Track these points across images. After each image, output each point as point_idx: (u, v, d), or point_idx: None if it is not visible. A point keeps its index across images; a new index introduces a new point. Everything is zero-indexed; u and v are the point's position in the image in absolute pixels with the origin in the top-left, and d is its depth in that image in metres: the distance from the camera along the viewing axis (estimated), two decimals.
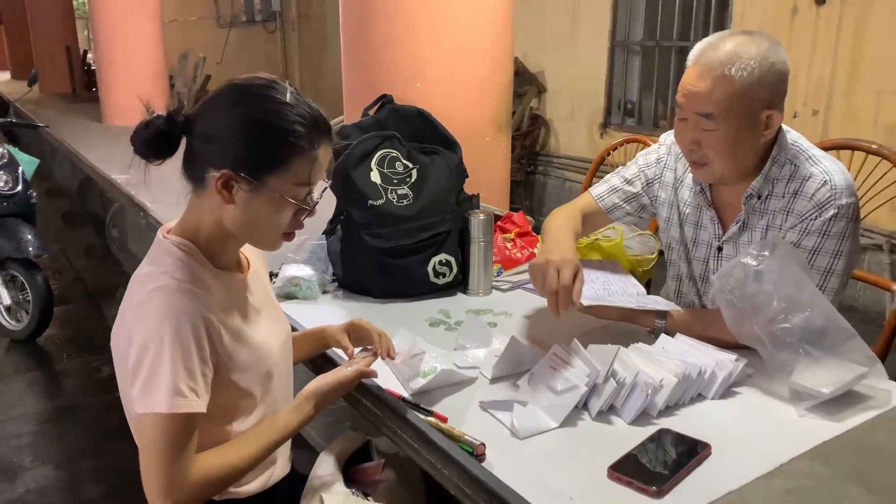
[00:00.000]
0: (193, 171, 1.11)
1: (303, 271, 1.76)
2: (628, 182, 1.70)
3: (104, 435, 2.83)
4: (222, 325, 1.09)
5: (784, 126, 1.47)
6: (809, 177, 1.42)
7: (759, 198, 1.48)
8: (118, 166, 3.53)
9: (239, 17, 9.76)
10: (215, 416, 1.09)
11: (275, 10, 9.26)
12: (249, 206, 1.08)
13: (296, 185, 1.09)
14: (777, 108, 1.40)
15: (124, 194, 2.98)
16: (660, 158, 1.69)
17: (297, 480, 1.28)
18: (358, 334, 1.32)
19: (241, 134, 1.06)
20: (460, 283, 1.76)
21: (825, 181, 1.40)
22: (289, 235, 1.15)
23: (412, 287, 1.71)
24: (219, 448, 1.09)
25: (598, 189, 1.74)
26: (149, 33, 5.34)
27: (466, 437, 1.07)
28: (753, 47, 1.36)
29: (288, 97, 1.07)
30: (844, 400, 1.20)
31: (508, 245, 1.93)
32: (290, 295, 1.71)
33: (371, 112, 1.83)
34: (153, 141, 1.08)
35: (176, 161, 1.13)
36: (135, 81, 5.16)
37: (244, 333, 1.13)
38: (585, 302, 1.41)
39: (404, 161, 1.75)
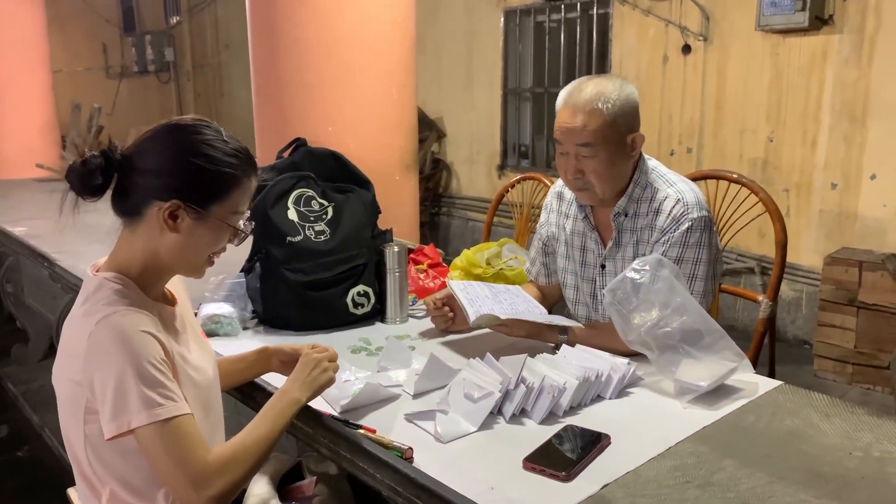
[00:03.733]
0: (129, 206, 1.17)
1: (222, 309, 1.81)
2: (539, 248, 1.92)
3: (6, 496, 2.70)
4: (169, 346, 1.14)
5: (644, 155, 1.71)
6: (666, 197, 1.65)
7: (626, 215, 1.69)
8: (11, 219, 3.42)
9: (130, 68, 9.61)
10: None
11: (168, 61, 9.19)
12: (193, 234, 1.17)
13: (232, 213, 1.20)
14: (637, 131, 1.65)
15: (25, 246, 2.91)
16: (545, 206, 1.90)
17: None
18: (283, 358, 1.40)
19: (187, 167, 1.15)
20: (378, 313, 1.86)
21: (678, 199, 1.64)
22: (211, 262, 1.24)
23: (332, 318, 1.80)
24: (232, 439, 1.16)
25: (526, 267, 1.99)
26: (38, 84, 5.21)
27: (395, 443, 1.17)
28: (610, 85, 1.61)
29: (222, 134, 1.19)
30: (720, 391, 1.39)
31: (421, 276, 2.05)
32: (211, 332, 1.75)
33: (285, 154, 1.92)
34: (90, 177, 1.14)
35: (89, 213, 1.19)
36: (25, 133, 5.00)
37: (185, 358, 1.19)
38: (503, 316, 1.56)
39: (320, 200, 1.85)
